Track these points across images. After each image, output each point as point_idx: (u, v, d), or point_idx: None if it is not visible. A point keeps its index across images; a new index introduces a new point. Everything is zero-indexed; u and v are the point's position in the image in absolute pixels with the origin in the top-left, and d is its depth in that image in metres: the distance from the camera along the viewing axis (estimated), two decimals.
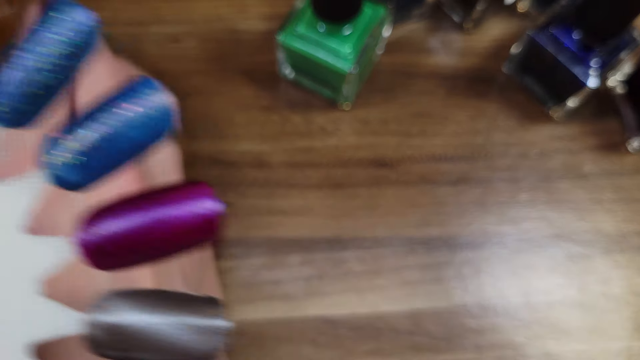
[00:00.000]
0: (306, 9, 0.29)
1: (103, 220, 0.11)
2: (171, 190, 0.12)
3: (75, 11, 0.12)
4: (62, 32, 0.12)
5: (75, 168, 0.11)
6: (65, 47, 0.11)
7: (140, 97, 0.11)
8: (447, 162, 0.32)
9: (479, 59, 0.34)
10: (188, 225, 0.11)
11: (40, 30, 0.11)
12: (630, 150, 0.32)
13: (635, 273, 0.30)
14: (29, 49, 0.11)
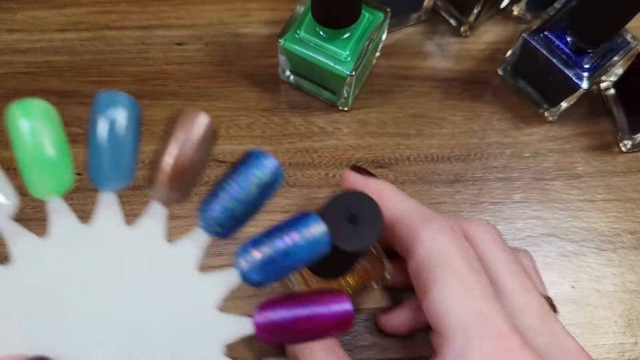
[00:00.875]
0: (307, 14, 0.30)
1: (273, 308, 0.16)
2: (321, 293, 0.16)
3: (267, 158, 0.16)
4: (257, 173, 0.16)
5: (256, 271, 0.16)
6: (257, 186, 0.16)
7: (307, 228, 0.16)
8: (443, 163, 0.32)
9: (475, 62, 0.35)
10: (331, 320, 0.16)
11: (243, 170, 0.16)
12: (623, 150, 0.33)
13: (628, 271, 0.30)
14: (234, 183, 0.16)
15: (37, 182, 0.16)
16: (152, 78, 0.34)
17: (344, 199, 0.20)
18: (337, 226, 0.19)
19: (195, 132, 0.16)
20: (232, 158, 0.32)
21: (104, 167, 0.16)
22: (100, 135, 0.15)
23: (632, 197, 0.32)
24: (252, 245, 0.16)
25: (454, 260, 0.20)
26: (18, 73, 0.34)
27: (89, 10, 0.35)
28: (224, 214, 0.16)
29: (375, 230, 0.19)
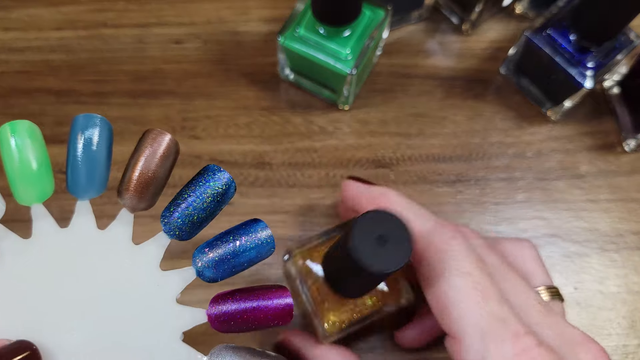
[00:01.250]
0: (306, 12, 0.29)
1: (224, 301, 0.19)
2: (265, 288, 0.19)
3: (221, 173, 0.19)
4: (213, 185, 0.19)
5: (209, 269, 0.19)
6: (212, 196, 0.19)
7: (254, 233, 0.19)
8: (445, 162, 0.32)
9: (477, 61, 0.35)
10: (273, 312, 0.18)
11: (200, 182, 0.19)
12: (627, 150, 0.33)
13: (631, 272, 0.30)
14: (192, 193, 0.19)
15: (23, 191, 0.19)
16: (149, 77, 0.33)
17: (372, 218, 0.19)
18: (366, 247, 0.19)
19: (158, 150, 0.19)
20: (231, 158, 0.31)
21: (80, 180, 0.19)
22: (77, 152, 0.18)
23: (636, 197, 0.32)
24: (206, 246, 0.19)
25: (466, 264, 0.20)
26: (14, 72, 0.33)
27: (86, 9, 0.35)
28: (183, 220, 0.19)
29: (405, 251, 0.19)
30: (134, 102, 0.33)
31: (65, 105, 0.32)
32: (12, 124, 0.18)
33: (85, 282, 0.19)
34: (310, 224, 0.30)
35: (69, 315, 0.18)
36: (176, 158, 0.20)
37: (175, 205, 0.19)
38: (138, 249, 0.19)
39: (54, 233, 0.19)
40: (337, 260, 0.22)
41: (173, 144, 0.19)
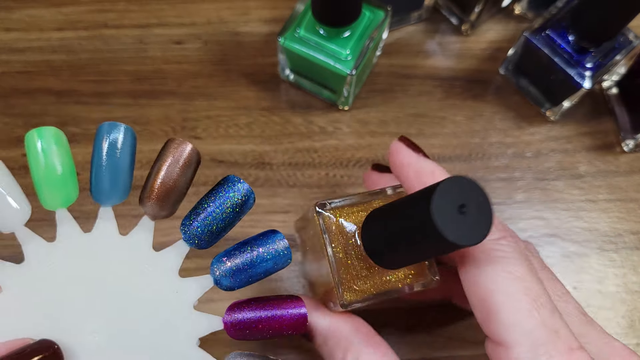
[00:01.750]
0: (307, 13, 0.29)
1: (240, 310, 0.19)
2: (281, 298, 0.20)
3: (241, 184, 0.19)
4: (232, 196, 0.19)
5: (227, 278, 0.19)
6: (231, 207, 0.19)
7: (271, 244, 0.19)
8: (444, 162, 0.32)
9: (476, 61, 0.35)
10: (288, 322, 0.19)
11: (220, 193, 0.19)
12: (625, 150, 0.33)
13: (630, 271, 0.30)
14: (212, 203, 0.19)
15: (48, 196, 0.19)
16: (150, 77, 0.33)
17: (454, 185, 0.17)
18: (446, 215, 0.17)
19: (180, 159, 0.19)
20: (231, 158, 0.32)
21: (104, 187, 0.19)
22: (101, 160, 0.19)
23: (635, 197, 0.32)
24: (224, 255, 0.19)
25: (518, 268, 0.19)
26: (15, 72, 0.33)
27: (87, 9, 0.35)
28: (202, 230, 0.19)
29: (486, 224, 0.17)
30: (134, 102, 0.33)
31: (66, 106, 0.32)
32: (39, 129, 0.19)
33: (106, 286, 0.19)
34: None
35: (90, 318, 0.19)
36: (197, 167, 0.20)
37: (195, 214, 0.19)
38: (158, 255, 0.20)
39: (77, 237, 0.20)
40: (397, 223, 0.20)
41: (194, 153, 0.19)
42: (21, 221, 0.19)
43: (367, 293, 0.21)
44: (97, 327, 0.19)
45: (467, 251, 0.20)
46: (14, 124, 0.32)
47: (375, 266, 0.21)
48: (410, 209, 0.19)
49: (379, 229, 0.21)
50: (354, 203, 0.22)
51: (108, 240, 0.20)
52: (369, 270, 0.22)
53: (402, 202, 0.20)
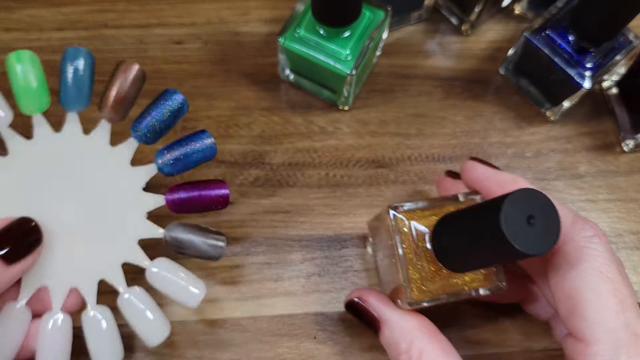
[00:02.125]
0: (307, 13, 0.29)
1: (177, 191, 0.25)
2: (207, 182, 0.26)
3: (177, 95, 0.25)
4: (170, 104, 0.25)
5: (168, 166, 0.25)
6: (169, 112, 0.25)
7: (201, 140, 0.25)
8: (444, 162, 0.32)
9: (476, 61, 0.35)
10: (214, 199, 0.25)
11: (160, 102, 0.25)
12: (625, 150, 0.33)
13: (630, 271, 0.30)
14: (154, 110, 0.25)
15: (26, 104, 0.24)
16: (150, 77, 0.33)
17: (523, 197, 0.18)
18: (515, 224, 0.18)
19: (129, 76, 0.25)
20: (231, 158, 0.32)
21: (70, 98, 0.25)
22: (67, 76, 0.25)
23: (635, 197, 0.32)
24: (165, 149, 0.25)
25: (610, 268, 0.19)
26: None
27: (87, 9, 0.35)
28: (148, 129, 0.25)
29: (553, 235, 0.18)
30: None
31: None
32: (16, 53, 0.24)
33: (72, 174, 0.25)
34: (310, 223, 0.30)
35: (60, 199, 0.24)
36: (144, 82, 0.26)
37: (142, 118, 0.25)
38: (114, 149, 0.25)
39: (50, 136, 0.25)
40: (466, 229, 0.21)
41: (141, 72, 0.25)
42: (5, 123, 0.24)
43: (434, 294, 0.22)
44: (66, 207, 0.24)
45: (558, 246, 0.21)
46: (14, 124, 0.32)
47: (443, 269, 0.22)
48: (480, 217, 0.20)
49: (449, 233, 0.22)
50: (426, 207, 0.23)
51: (74, 138, 0.25)
52: (437, 273, 0.23)
53: (473, 210, 0.21)
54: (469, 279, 0.23)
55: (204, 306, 0.29)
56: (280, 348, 0.28)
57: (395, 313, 0.23)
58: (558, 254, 0.21)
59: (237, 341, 0.28)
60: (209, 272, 0.29)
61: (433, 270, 0.23)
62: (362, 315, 0.24)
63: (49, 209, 0.24)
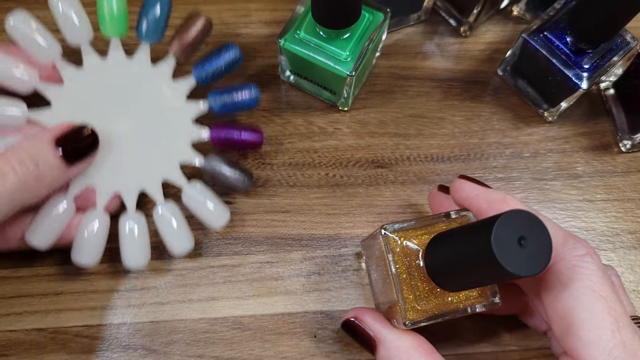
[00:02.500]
0: (307, 14, 0.30)
1: (220, 128, 0.29)
2: (247, 127, 0.30)
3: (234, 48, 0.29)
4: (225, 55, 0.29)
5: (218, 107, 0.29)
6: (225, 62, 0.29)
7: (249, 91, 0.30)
8: (443, 163, 0.32)
9: (475, 62, 0.35)
10: (250, 141, 0.30)
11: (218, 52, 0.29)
12: (623, 150, 0.33)
13: (627, 270, 0.30)
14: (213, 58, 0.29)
15: (109, 27, 0.28)
16: None
17: (514, 218, 0.18)
18: (506, 246, 0.18)
19: (197, 25, 0.29)
20: (232, 158, 0.32)
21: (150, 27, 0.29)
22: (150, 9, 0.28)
23: (632, 197, 0.32)
24: (218, 93, 0.29)
25: (603, 287, 0.19)
26: None
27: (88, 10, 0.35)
28: (205, 74, 0.29)
29: (544, 257, 0.18)
30: None
31: None
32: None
33: (134, 97, 0.28)
34: (310, 223, 0.31)
35: (117, 116, 0.28)
36: (210, 32, 0.30)
37: (201, 64, 0.29)
38: (175, 82, 0.29)
39: (123, 59, 0.29)
40: (458, 250, 0.21)
41: (207, 22, 0.29)
42: (86, 38, 0.28)
43: (430, 313, 0.22)
44: (121, 124, 0.28)
45: (550, 266, 0.21)
46: None
47: (438, 287, 0.22)
48: (471, 237, 0.20)
49: (441, 253, 0.22)
50: (418, 226, 0.23)
51: (143, 65, 0.29)
52: (432, 291, 0.23)
53: (464, 230, 0.21)
54: (464, 296, 0.23)
55: (204, 305, 0.29)
56: (280, 346, 0.28)
57: (391, 332, 0.23)
58: (550, 273, 0.21)
59: (238, 339, 0.28)
60: (209, 272, 0.29)
61: (427, 289, 0.23)
62: (359, 335, 0.24)
63: (106, 123, 0.27)
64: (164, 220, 0.27)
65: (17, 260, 0.29)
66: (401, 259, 0.23)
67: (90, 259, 0.27)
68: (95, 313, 0.28)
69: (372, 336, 0.23)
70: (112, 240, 0.27)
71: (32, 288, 0.29)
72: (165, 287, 0.29)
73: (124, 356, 0.28)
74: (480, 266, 0.19)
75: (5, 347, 0.28)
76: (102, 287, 0.29)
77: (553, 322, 0.20)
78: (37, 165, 0.23)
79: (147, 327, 0.28)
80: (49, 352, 0.28)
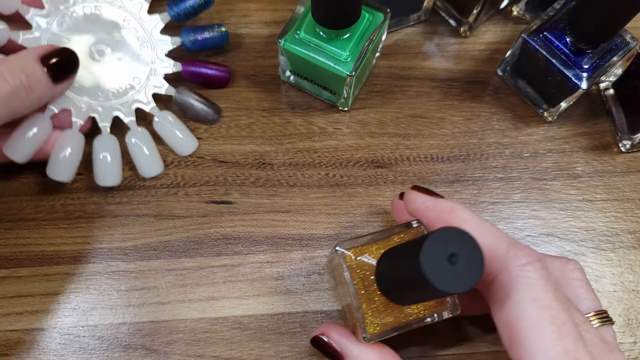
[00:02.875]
0: (307, 15, 0.30)
1: (191, 64, 0.32)
2: (217, 64, 0.33)
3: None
4: None
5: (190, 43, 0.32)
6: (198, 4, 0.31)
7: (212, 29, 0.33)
8: (443, 163, 0.32)
9: (474, 62, 0.35)
10: (218, 77, 0.33)
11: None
12: (622, 150, 0.33)
13: (627, 270, 0.30)
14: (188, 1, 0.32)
15: None
16: None
17: (445, 235, 0.18)
18: (436, 265, 0.18)
19: None
20: (232, 158, 0.32)
21: None
22: None
23: (631, 197, 0.32)
24: (191, 30, 0.32)
25: (545, 295, 0.20)
26: None
27: None
28: (181, 11, 0.31)
29: (475, 274, 0.18)
30: None
31: None
32: None
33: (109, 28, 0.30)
34: (310, 223, 0.31)
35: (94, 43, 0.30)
36: None
37: (180, 2, 0.31)
38: (149, 17, 0.31)
39: None
40: (398, 267, 0.21)
41: None
42: None
43: (389, 326, 0.23)
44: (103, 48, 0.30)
45: (495, 277, 0.21)
46: None
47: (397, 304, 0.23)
48: (407, 255, 0.20)
49: (386, 269, 0.22)
50: (373, 240, 0.24)
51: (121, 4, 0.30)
52: (389, 305, 0.23)
53: (404, 246, 0.21)
54: (422, 307, 0.23)
55: (205, 304, 0.29)
56: (280, 346, 0.28)
57: (357, 347, 0.24)
58: (495, 284, 0.21)
59: (238, 339, 0.28)
60: (210, 272, 0.29)
61: (385, 303, 0.23)
62: (327, 351, 0.24)
63: (84, 50, 0.29)
64: (136, 146, 0.30)
65: (16, 262, 0.29)
66: (358, 275, 0.23)
67: (65, 176, 0.29)
68: (95, 313, 0.28)
69: (339, 352, 0.24)
70: (110, 241, 0.27)
71: (33, 288, 0.29)
72: (165, 287, 0.29)
73: (124, 356, 0.28)
74: (415, 284, 0.19)
75: (6, 346, 0.28)
76: (102, 287, 0.29)
77: (500, 332, 0.21)
78: (27, 77, 0.25)
79: (148, 327, 0.28)
80: (49, 352, 0.28)
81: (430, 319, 0.23)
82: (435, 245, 0.18)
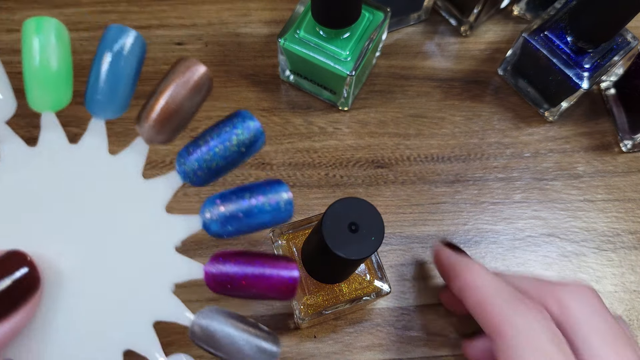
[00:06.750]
0: (306, 14, 0.30)
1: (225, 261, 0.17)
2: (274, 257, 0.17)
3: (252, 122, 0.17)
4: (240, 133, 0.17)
5: (217, 223, 0.17)
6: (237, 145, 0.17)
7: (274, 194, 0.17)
8: (443, 163, 0.32)
9: (475, 62, 0.35)
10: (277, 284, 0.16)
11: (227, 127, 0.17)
12: (623, 150, 0.33)
13: (628, 271, 0.30)
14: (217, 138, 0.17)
15: (38, 95, 0.17)
16: (151, 78, 0.33)
17: (345, 205, 0.19)
18: (337, 233, 0.19)
19: (189, 80, 0.16)
20: None
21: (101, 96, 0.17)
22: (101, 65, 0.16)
23: (632, 197, 0.32)
24: (219, 198, 0.17)
25: (546, 347, 0.20)
26: (17, 73, 0.33)
27: (88, 10, 0.35)
28: (200, 164, 0.17)
29: (376, 239, 0.19)
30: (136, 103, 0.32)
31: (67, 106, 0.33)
32: (38, 19, 0.16)
33: (85, 206, 0.17)
34: None
35: (62, 237, 0.16)
36: (207, 94, 0.17)
37: (195, 146, 0.17)
38: (147, 183, 0.17)
39: (61, 147, 0.17)
40: (312, 246, 0.22)
41: (207, 77, 0.17)
42: (3, 116, 0.17)
43: (322, 306, 0.25)
44: (69, 250, 0.16)
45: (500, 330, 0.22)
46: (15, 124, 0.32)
47: (324, 284, 0.25)
48: (315, 233, 0.21)
49: (307, 251, 0.24)
50: (302, 226, 0.26)
51: (95, 157, 0.17)
52: (318, 286, 0.25)
53: (315, 227, 0.23)
54: (354, 287, 0.25)
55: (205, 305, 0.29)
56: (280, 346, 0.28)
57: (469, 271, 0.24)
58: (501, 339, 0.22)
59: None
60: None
61: (314, 284, 0.25)
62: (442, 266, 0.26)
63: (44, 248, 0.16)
64: None
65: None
66: None
67: None
68: None
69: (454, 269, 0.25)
70: None
71: None
72: None
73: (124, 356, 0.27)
74: (327, 258, 0.20)
75: None
76: None
77: None
78: None
79: None
80: None
81: (366, 298, 0.25)
82: (335, 214, 0.19)
